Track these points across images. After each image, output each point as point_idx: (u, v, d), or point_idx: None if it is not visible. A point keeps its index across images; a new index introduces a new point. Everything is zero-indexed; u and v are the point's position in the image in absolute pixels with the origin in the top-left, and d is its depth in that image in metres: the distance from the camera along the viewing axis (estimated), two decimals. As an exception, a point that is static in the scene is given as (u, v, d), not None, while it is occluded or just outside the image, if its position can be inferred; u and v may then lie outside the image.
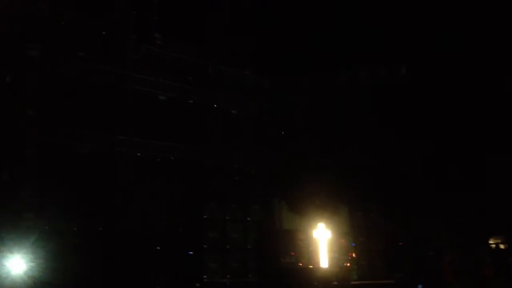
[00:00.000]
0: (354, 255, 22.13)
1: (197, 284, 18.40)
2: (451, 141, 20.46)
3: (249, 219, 20.15)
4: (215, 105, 19.93)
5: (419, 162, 20.67)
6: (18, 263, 14.47)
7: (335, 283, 19.89)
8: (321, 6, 20.61)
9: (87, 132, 17.01)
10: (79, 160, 16.68)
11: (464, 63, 19.92)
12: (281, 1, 20.81)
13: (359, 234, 22.45)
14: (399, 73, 21.01)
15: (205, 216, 19.26)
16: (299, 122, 21.58)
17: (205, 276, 18.73)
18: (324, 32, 20.81)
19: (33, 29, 15.95)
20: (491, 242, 22.72)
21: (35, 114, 15.89)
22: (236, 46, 20.28)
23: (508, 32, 19.60)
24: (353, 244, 22.14)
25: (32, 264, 14.52)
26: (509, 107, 19.83)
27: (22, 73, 15.89)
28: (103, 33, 17.26)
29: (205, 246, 19.03)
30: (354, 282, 20.68)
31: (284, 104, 21.17)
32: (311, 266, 20.70)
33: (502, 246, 22.97)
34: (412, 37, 20.35)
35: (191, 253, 18.71)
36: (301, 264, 20.81)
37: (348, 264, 21.96)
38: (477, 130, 19.97)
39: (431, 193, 20.45)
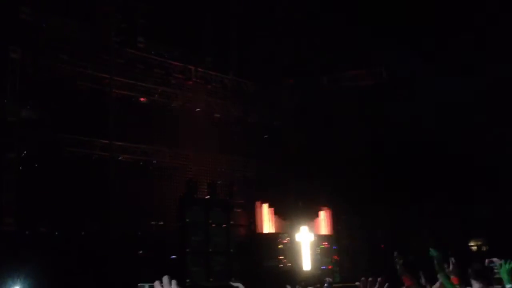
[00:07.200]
0: (336, 257, 22.22)
1: (180, 288, 18.30)
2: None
3: (232, 222, 20.08)
4: (198, 109, 19.87)
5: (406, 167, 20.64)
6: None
7: (318, 285, 19.94)
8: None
9: (69, 136, 16.87)
10: (61, 164, 16.55)
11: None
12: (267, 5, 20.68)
13: (342, 237, 22.54)
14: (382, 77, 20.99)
15: (187, 220, 19.17)
16: (284, 126, 21.57)
17: (188, 280, 18.66)
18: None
19: (15, 32, 15.76)
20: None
21: (17, 119, 15.74)
22: (220, 50, 20.20)
23: None
24: (335, 247, 22.22)
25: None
26: None
27: (4, 76, 15.70)
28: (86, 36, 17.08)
29: (188, 250, 18.96)
30: (336, 285, 20.74)
31: (269, 109, 21.13)
32: (294, 269, 20.76)
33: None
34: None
35: (173, 257, 18.65)
36: (283, 267, 20.82)
37: (330, 267, 22.06)
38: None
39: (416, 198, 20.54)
